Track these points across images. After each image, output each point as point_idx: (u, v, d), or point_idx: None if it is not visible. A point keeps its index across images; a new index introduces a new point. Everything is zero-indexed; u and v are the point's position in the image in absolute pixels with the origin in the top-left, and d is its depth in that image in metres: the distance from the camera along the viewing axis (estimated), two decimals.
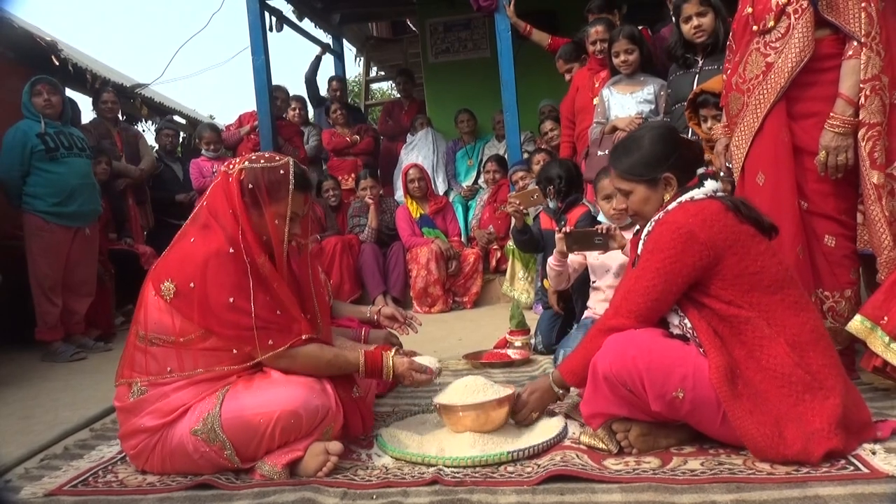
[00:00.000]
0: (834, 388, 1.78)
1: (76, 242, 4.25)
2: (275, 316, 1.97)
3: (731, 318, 1.85)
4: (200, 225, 2.03)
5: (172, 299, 1.94)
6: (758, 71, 2.44)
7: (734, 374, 1.79)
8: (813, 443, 1.71)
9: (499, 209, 5.44)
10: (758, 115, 2.44)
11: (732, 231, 1.86)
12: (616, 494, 1.66)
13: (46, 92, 4.18)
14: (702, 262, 1.85)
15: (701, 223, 1.86)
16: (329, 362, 2.05)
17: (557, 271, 3.09)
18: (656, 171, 2.00)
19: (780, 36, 2.39)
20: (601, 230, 2.74)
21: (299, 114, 6.77)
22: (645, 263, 1.93)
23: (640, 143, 2.05)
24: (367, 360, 2.11)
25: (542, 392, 2.13)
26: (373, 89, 12.35)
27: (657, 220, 1.97)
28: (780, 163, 2.42)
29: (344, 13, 8.27)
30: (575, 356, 2.04)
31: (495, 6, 5.15)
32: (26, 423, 2.84)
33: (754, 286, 1.84)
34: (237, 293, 1.93)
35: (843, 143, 2.32)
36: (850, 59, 2.31)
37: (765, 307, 1.84)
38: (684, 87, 3.42)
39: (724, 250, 1.85)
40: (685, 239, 1.85)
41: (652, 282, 1.89)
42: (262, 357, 1.95)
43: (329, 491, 1.79)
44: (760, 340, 1.82)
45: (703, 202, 1.92)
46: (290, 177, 2.01)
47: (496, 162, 5.84)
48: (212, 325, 1.93)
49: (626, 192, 2.07)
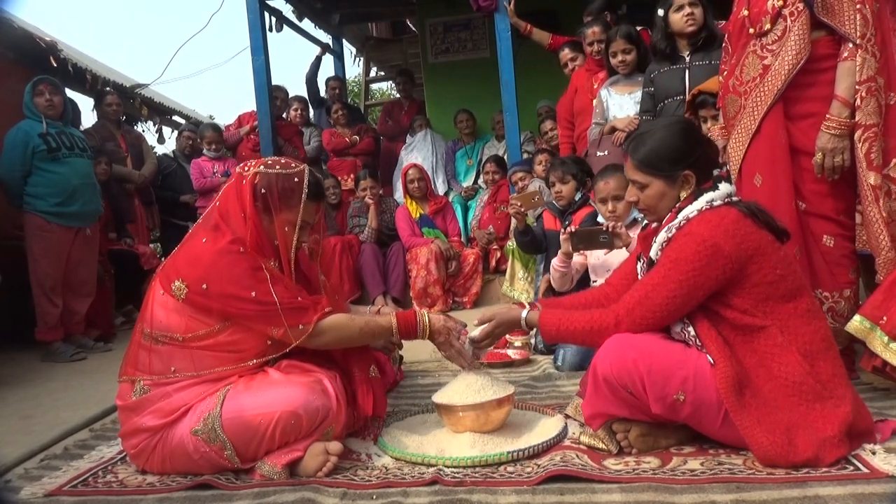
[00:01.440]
0: (844, 396, 1.78)
1: (77, 242, 4.26)
2: (296, 300, 1.98)
3: (746, 328, 1.83)
4: (211, 226, 2.03)
5: (185, 298, 1.94)
6: (755, 73, 2.45)
7: (742, 384, 1.78)
8: (825, 450, 1.71)
9: (499, 209, 5.44)
10: (755, 118, 2.45)
11: (752, 239, 1.83)
12: (616, 494, 1.66)
13: (48, 92, 4.18)
14: (725, 276, 1.82)
15: (724, 234, 1.82)
16: (361, 329, 2.05)
17: (562, 272, 3.09)
18: (676, 168, 1.94)
19: (776, 38, 2.40)
20: (606, 228, 2.74)
21: (301, 114, 6.77)
22: (667, 273, 1.86)
23: (661, 136, 1.97)
24: (399, 320, 2.10)
25: (509, 322, 2.10)
26: (372, 89, 12.35)
27: (679, 230, 1.89)
28: (777, 164, 2.43)
29: (344, 13, 8.26)
30: (560, 319, 1.98)
31: (495, 6, 5.15)
32: (26, 423, 2.84)
33: (770, 295, 1.82)
34: (256, 284, 1.93)
35: (839, 145, 2.32)
36: (845, 61, 2.32)
37: (779, 316, 1.82)
38: (673, 82, 3.39)
39: (747, 260, 1.81)
40: (711, 253, 1.80)
41: (673, 293, 1.84)
42: (297, 341, 1.95)
43: (329, 491, 1.79)
44: (773, 349, 1.80)
45: (721, 210, 1.88)
46: (305, 185, 2.02)
47: (495, 163, 5.83)
48: (231, 309, 1.92)
49: (641, 185, 2.00)
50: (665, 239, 1.92)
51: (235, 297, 1.93)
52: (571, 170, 3.59)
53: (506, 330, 2.16)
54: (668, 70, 3.43)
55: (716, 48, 3.33)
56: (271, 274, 1.97)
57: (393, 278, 5.35)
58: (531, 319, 2.05)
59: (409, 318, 2.11)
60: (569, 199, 3.57)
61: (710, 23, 3.32)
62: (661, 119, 2.51)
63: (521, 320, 2.07)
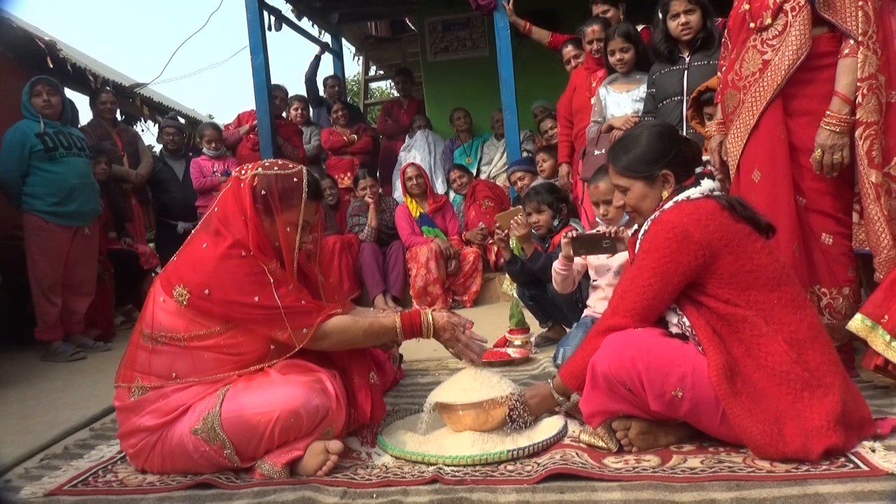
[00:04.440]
0: (833, 384, 1.78)
1: (76, 242, 4.26)
2: (300, 303, 1.98)
3: (729, 317, 1.85)
4: (212, 231, 2.03)
5: (187, 304, 1.94)
6: (754, 68, 2.44)
7: (733, 372, 1.79)
8: (812, 440, 1.71)
9: (484, 204, 5.48)
10: (754, 113, 2.44)
11: (727, 230, 1.87)
12: (616, 493, 1.66)
13: (46, 93, 4.18)
14: (697, 262, 1.85)
15: (695, 222, 1.87)
16: (365, 331, 2.05)
17: (563, 275, 3.09)
18: (654, 168, 2.01)
19: (777, 34, 2.39)
20: (608, 234, 2.73)
21: (301, 114, 6.77)
22: (640, 262, 1.93)
23: (638, 141, 2.06)
24: (403, 320, 2.09)
25: (541, 398, 2.11)
26: (372, 88, 12.34)
27: (653, 220, 1.97)
28: (776, 160, 2.42)
29: (343, 12, 8.27)
30: (575, 359, 2.02)
31: (494, 5, 5.15)
32: (26, 422, 2.84)
33: (751, 284, 1.85)
34: (259, 289, 1.93)
35: (838, 142, 2.32)
36: (846, 58, 2.31)
37: (762, 305, 1.84)
38: (672, 83, 3.40)
39: (720, 249, 1.85)
40: (680, 238, 1.86)
41: (648, 281, 1.90)
42: (301, 344, 1.95)
43: (329, 490, 1.79)
44: (759, 338, 1.82)
45: (699, 201, 1.93)
46: (304, 185, 2.02)
47: (458, 169, 5.96)
48: (234, 313, 1.92)
49: (623, 188, 2.08)
50: (643, 231, 1.99)
51: (238, 302, 1.93)
52: (546, 199, 3.60)
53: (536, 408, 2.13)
54: (668, 71, 3.44)
55: (715, 49, 3.34)
56: (274, 277, 1.97)
57: (393, 277, 5.35)
58: (557, 384, 2.07)
59: (413, 318, 2.11)
60: (547, 227, 3.59)
61: (709, 24, 3.32)
62: (640, 124, 2.52)
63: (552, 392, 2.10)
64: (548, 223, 3.60)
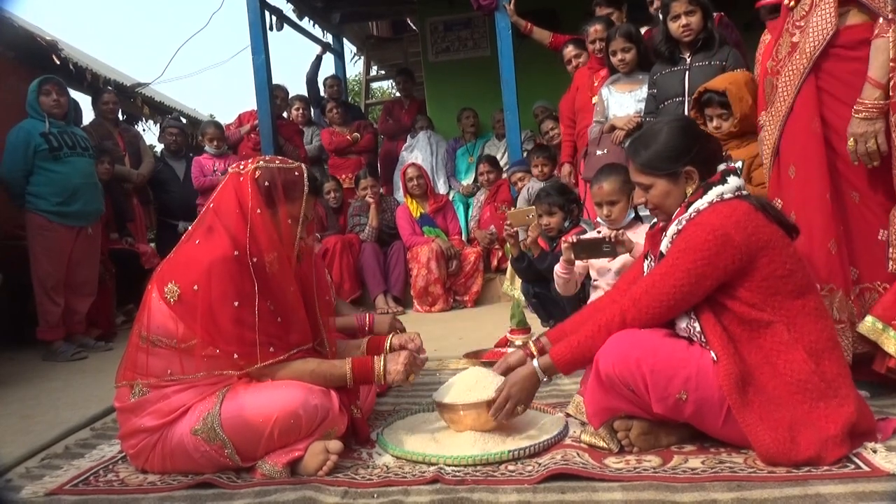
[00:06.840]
0: (848, 396, 1.78)
1: (79, 242, 4.26)
2: (275, 327, 1.98)
3: (752, 322, 1.82)
4: (206, 228, 2.03)
5: (175, 304, 1.94)
6: (785, 51, 2.36)
7: (745, 381, 1.77)
8: (827, 449, 1.71)
9: (500, 209, 5.42)
10: (786, 97, 2.35)
11: (764, 232, 1.83)
12: (617, 493, 1.66)
13: (55, 92, 4.19)
14: (734, 266, 1.81)
15: (735, 224, 1.81)
16: (312, 371, 2.02)
17: (565, 279, 3.08)
18: (676, 165, 1.95)
19: (803, 14, 2.30)
20: (608, 238, 2.72)
21: (302, 114, 6.77)
22: (674, 261, 1.86)
23: (658, 136, 1.99)
24: (354, 368, 2.05)
25: (524, 381, 1.99)
26: (373, 88, 12.34)
27: (689, 220, 1.89)
28: (809, 155, 2.32)
29: (344, 12, 8.27)
30: (573, 346, 1.94)
31: (495, 5, 5.15)
32: (27, 422, 2.84)
33: (779, 290, 1.82)
34: (242, 301, 1.93)
35: (869, 129, 2.19)
36: (877, 39, 2.18)
37: (787, 312, 1.81)
38: (673, 84, 3.40)
39: (757, 252, 1.81)
40: (721, 242, 1.80)
41: (680, 280, 1.83)
42: (262, 365, 1.95)
43: (330, 490, 1.79)
44: (779, 346, 1.80)
45: (733, 202, 1.87)
46: (305, 179, 2.03)
47: (488, 162, 5.82)
48: (215, 339, 1.93)
49: (645, 186, 2.01)
50: (675, 231, 1.92)
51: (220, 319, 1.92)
52: (557, 201, 3.61)
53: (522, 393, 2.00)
54: (670, 72, 3.45)
55: (716, 49, 3.34)
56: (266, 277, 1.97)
57: (394, 277, 5.35)
58: (546, 366, 1.97)
59: (365, 367, 2.06)
60: (558, 229, 3.59)
61: (710, 25, 3.32)
62: (660, 119, 2.46)
63: (537, 374, 1.98)
64: (559, 225, 3.61)
